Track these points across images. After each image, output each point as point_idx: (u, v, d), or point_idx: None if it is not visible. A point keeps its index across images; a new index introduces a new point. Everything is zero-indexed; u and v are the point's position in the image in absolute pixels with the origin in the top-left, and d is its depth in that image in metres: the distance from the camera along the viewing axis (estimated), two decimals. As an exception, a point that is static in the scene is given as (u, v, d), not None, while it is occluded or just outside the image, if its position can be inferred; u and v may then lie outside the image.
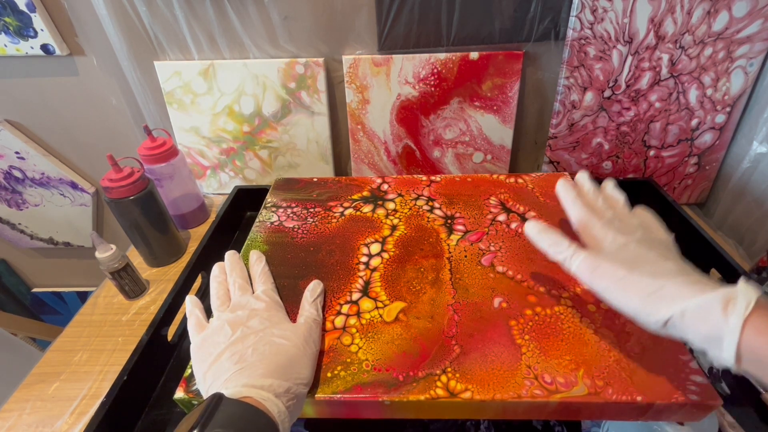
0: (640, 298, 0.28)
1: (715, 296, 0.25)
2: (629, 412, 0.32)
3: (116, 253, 0.53)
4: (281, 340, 0.32)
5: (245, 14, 0.61)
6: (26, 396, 0.46)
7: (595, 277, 0.31)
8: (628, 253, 0.31)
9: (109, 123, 0.74)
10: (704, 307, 0.25)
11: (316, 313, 0.37)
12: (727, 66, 0.57)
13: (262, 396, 0.28)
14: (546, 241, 0.35)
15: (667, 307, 0.27)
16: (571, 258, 0.32)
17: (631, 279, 0.29)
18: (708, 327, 0.25)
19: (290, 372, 0.30)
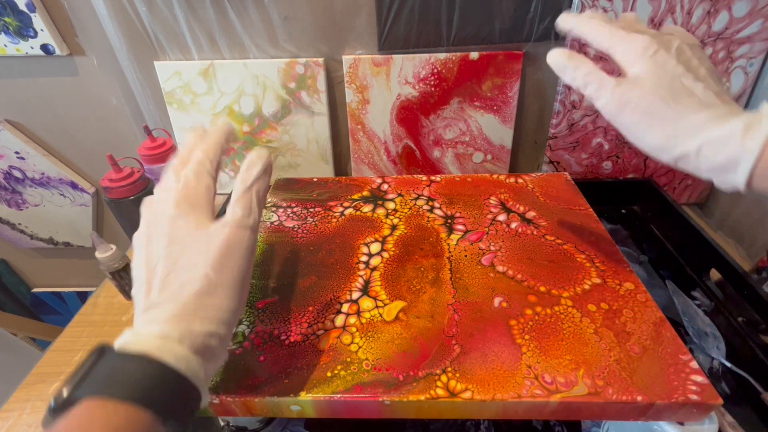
0: (661, 131, 0.26)
1: (738, 123, 0.24)
2: (629, 412, 0.32)
3: (116, 253, 0.53)
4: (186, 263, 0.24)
5: (245, 14, 0.61)
6: (26, 396, 0.46)
7: (622, 113, 0.28)
8: (666, 76, 0.27)
9: (109, 123, 0.74)
10: (723, 139, 0.24)
11: (244, 213, 0.26)
12: (727, 66, 0.57)
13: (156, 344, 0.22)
14: (572, 71, 0.30)
15: (685, 139, 0.25)
16: (599, 90, 0.29)
17: (659, 114, 0.26)
18: (724, 153, 0.24)
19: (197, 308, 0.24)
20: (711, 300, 0.50)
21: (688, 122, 0.26)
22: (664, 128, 0.26)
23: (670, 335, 0.35)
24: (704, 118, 0.25)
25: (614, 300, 0.38)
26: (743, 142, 0.24)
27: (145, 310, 0.24)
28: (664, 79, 0.27)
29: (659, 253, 0.57)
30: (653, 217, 0.62)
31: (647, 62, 0.27)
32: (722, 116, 0.25)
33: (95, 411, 0.19)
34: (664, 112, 0.26)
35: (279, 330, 0.38)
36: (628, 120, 0.28)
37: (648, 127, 0.27)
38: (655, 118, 0.27)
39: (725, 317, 0.48)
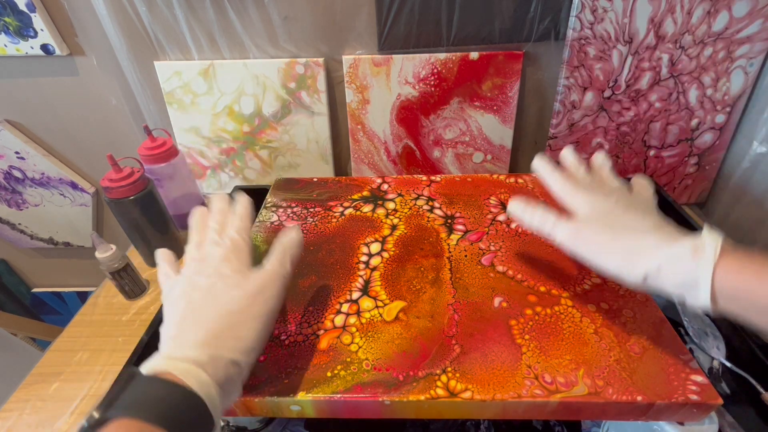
0: (621, 257, 0.29)
1: (685, 245, 0.27)
2: (629, 412, 0.32)
3: (116, 253, 0.53)
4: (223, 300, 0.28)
5: (245, 14, 0.61)
6: (26, 396, 0.46)
7: (578, 246, 0.32)
8: (608, 216, 0.32)
9: (109, 123, 0.74)
10: (676, 257, 0.27)
11: (279, 264, 0.31)
12: (727, 66, 0.57)
13: (181, 368, 0.24)
14: (529, 217, 0.35)
15: (643, 263, 0.28)
16: (554, 229, 0.33)
17: (611, 241, 0.30)
18: (682, 275, 0.27)
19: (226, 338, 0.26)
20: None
21: (640, 246, 0.29)
22: (619, 255, 0.29)
23: (670, 335, 0.35)
24: (654, 240, 0.28)
25: (614, 300, 0.38)
26: (696, 265, 0.26)
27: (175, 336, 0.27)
28: (606, 217, 0.32)
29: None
30: (653, 217, 0.62)
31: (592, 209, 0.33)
32: (670, 237, 0.28)
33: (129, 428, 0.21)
34: (614, 242, 0.30)
35: (279, 330, 0.38)
36: (584, 251, 0.31)
37: (605, 257, 0.30)
38: (608, 248, 0.30)
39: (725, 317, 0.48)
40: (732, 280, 0.25)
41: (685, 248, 0.27)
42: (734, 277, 0.25)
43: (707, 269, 0.25)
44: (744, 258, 0.26)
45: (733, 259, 0.26)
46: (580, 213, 0.33)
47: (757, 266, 0.25)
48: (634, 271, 0.28)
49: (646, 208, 0.33)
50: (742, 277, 0.25)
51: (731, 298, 0.26)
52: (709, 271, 0.25)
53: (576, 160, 0.40)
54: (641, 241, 0.29)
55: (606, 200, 0.33)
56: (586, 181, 0.37)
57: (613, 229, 0.31)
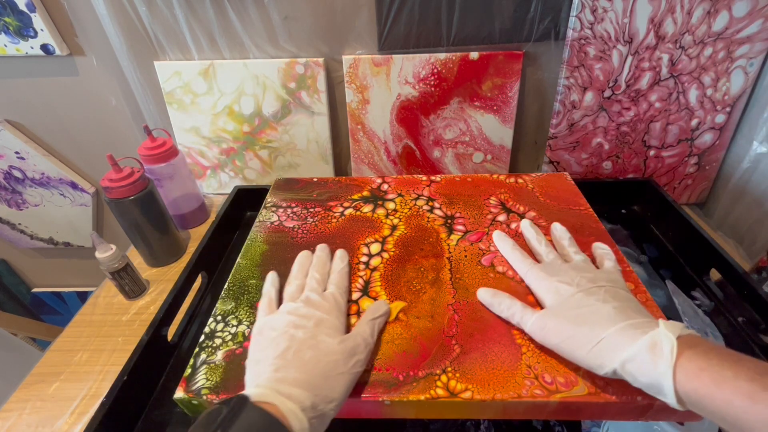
0: (586, 353, 0.29)
1: (643, 344, 0.27)
2: (629, 412, 0.32)
3: (116, 253, 0.53)
4: (324, 350, 0.31)
5: (245, 14, 0.61)
6: (26, 396, 0.46)
7: (546, 337, 0.33)
8: (570, 307, 0.32)
9: (109, 123, 0.74)
10: (637, 359, 0.27)
11: (369, 333, 0.34)
12: (727, 66, 0.57)
13: (288, 407, 0.26)
14: (498, 307, 0.37)
15: (608, 360, 0.28)
16: (522, 319, 0.34)
17: (575, 336, 0.30)
18: (646, 377, 0.27)
19: (322, 387, 0.29)
20: (711, 300, 0.50)
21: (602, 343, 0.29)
22: (584, 350, 0.29)
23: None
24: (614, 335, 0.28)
25: (614, 300, 0.38)
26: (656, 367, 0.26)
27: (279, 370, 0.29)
28: (569, 308, 0.32)
29: (659, 253, 0.57)
30: (653, 217, 0.62)
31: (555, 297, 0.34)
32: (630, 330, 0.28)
33: None
34: (578, 336, 0.30)
35: (279, 330, 0.37)
36: (553, 342, 0.32)
37: (572, 351, 0.31)
38: (573, 342, 0.30)
39: (725, 317, 0.48)
40: (691, 384, 0.25)
41: (644, 347, 0.27)
42: (693, 382, 0.25)
43: (667, 375, 0.25)
44: (701, 358, 0.25)
45: (690, 360, 0.25)
46: (545, 302, 0.35)
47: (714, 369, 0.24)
48: (601, 368, 0.29)
49: (611, 283, 0.34)
50: (699, 382, 0.24)
51: (694, 403, 0.25)
52: (669, 376, 0.25)
53: (535, 235, 0.43)
54: (602, 334, 0.29)
55: (568, 287, 0.34)
56: (548, 260, 0.39)
57: (575, 321, 0.31)
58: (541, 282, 0.36)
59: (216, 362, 0.35)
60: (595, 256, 0.41)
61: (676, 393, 0.25)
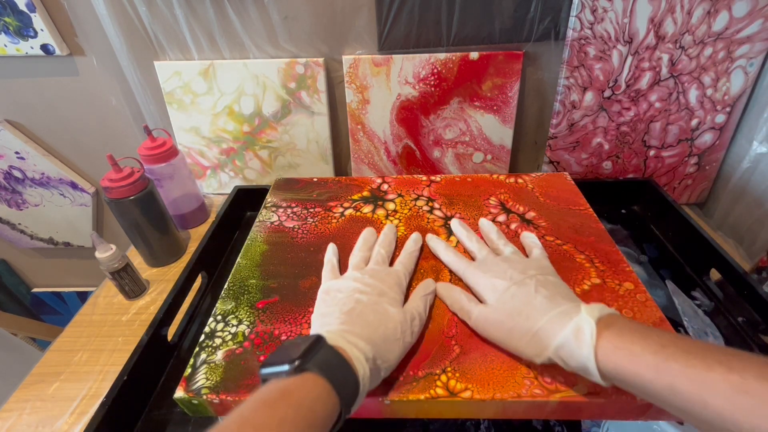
0: (525, 344, 0.31)
1: (569, 330, 0.29)
2: (629, 412, 0.32)
3: (116, 253, 0.53)
4: (385, 316, 0.33)
5: (245, 14, 0.61)
6: (26, 396, 0.46)
7: (488, 332, 0.34)
8: (507, 299, 0.34)
9: (109, 123, 0.74)
10: (565, 344, 0.29)
11: (423, 307, 0.37)
12: (727, 66, 0.57)
13: (354, 353, 0.29)
14: (448, 300, 0.38)
15: (544, 349, 0.30)
16: (468, 315, 0.36)
17: (514, 329, 0.32)
18: (574, 361, 0.28)
19: (381, 347, 0.31)
20: (711, 300, 0.50)
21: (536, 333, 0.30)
22: (523, 341, 0.31)
23: (669, 335, 0.35)
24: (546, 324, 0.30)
25: (614, 300, 0.38)
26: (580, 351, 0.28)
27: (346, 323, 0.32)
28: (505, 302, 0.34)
29: (659, 253, 0.57)
30: (653, 217, 0.62)
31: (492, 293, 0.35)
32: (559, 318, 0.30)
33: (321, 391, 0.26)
34: (516, 329, 0.32)
35: (279, 330, 0.38)
36: (494, 337, 0.34)
37: (512, 342, 0.32)
38: (512, 334, 0.32)
39: (725, 317, 0.48)
40: (610, 362, 0.27)
41: (570, 333, 0.29)
42: (612, 361, 0.27)
43: (590, 358, 0.27)
44: (616, 337, 0.27)
45: (607, 341, 0.27)
46: (484, 298, 0.36)
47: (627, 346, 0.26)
48: (539, 356, 0.30)
49: (540, 271, 0.36)
50: (616, 360, 0.26)
51: (615, 379, 0.27)
52: (591, 359, 0.27)
53: (465, 233, 0.45)
54: (536, 324, 0.31)
55: (502, 281, 0.35)
56: (481, 257, 0.41)
57: (511, 315, 0.33)
58: (478, 280, 0.37)
59: (216, 362, 0.35)
60: (524, 246, 0.43)
61: (600, 372, 0.27)
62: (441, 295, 0.39)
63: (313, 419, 0.24)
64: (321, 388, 0.26)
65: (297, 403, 0.24)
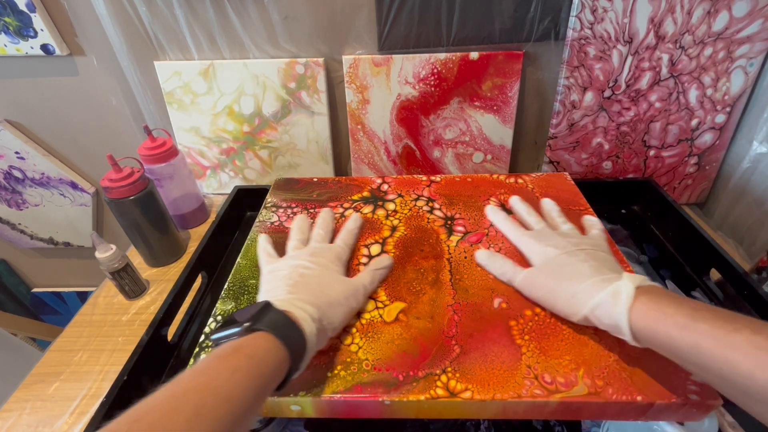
0: (563, 303, 0.34)
1: (607, 292, 0.31)
2: (629, 412, 0.32)
3: (116, 253, 0.53)
4: (329, 285, 0.36)
5: (245, 14, 0.61)
6: (26, 396, 0.46)
7: (532, 291, 0.38)
8: (554, 265, 0.37)
9: (109, 123, 0.74)
10: (602, 303, 0.31)
11: (370, 280, 0.39)
12: (727, 66, 0.57)
13: (301, 315, 0.31)
14: (493, 266, 0.41)
15: (580, 308, 0.33)
16: (512, 277, 0.39)
17: (556, 290, 0.35)
18: (609, 319, 0.31)
19: (327, 311, 0.33)
20: (711, 300, 0.50)
21: (577, 293, 0.33)
22: (562, 300, 0.35)
23: (669, 335, 0.35)
24: (588, 286, 0.33)
25: (614, 300, 0.38)
26: (615, 310, 0.30)
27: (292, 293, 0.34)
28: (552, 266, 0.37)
29: (659, 253, 0.57)
30: (653, 217, 0.62)
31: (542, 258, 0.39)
32: (601, 283, 0.32)
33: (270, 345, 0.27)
34: (557, 289, 0.35)
35: (279, 330, 0.37)
36: (536, 296, 0.37)
37: (552, 301, 0.36)
38: (553, 294, 0.35)
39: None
40: (642, 321, 0.29)
41: (608, 294, 0.31)
42: (644, 320, 0.29)
43: (623, 315, 0.29)
44: (652, 301, 0.29)
45: (643, 303, 0.29)
46: (533, 262, 0.39)
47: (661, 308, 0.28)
48: (575, 315, 0.33)
49: (593, 247, 0.38)
50: (648, 319, 0.29)
51: (645, 338, 0.29)
52: (624, 316, 0.29)
53: (525, 208, 0.47)
54: (578, 287, 0.33)
55: (554, 249, 0.38)
56: (538, 228, 0.43)
57: (557, 277, 0.36)
58: (531, 246, 0.41)
59: (216, 362, 0.35)
60: (584, 227, 0.45)
61: (631, 330, 0.29)
62: (484, 263, 0.42)
63: (264, 369, 0.26)
64: (271, 342, 0.27)
65: (249, 354, 0.26)
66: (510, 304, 0.39)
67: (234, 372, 0.24)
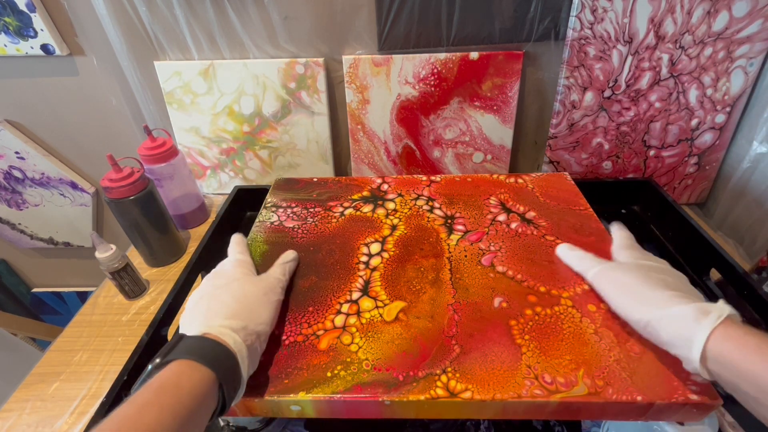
0: (631, 302, 0.33)
1: (694, 307, 0.30)
2: (629, 412, 0.32)
3: (116, 253, 0.53)
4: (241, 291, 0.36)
5: (245, 14, 0.61)
6: (26, 396, 0.46)
7: (603, 283, 0.37)
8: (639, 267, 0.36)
9: (109, 123, 0.74)
10: (682, 314, 0.30)
11: (280, 272, 0.40)
12: (727, 66, 0.57)
13: (220, 331, 0.31)
14: (572, 254, 0.42)
15: (647, 313, 0.32)
16: (590, 268, 0.39)
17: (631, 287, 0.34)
18: (682, 330, 0.29)
19: (248, 314, 0.33)
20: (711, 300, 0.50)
21: (654, 297, 0.32)
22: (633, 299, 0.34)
23: (670, 335, 0.35)
24: (668, 296, 0.32)
25: (614, 300, 0.38)
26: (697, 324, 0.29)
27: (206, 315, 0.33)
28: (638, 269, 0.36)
29: (659, 254, 0.57)
30: (653, 217, 0.62)
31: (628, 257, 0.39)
32: (684, 299, 0.31)
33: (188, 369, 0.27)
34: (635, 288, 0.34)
35: (279, 330, 0.38)
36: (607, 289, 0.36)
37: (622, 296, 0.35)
38: (628, 290, 0.34)
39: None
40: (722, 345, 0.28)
41: (693, 309, 0.29)
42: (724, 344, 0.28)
43: (705, 330, 0.28)
44: (742, 331, 0.28)
45: (731, 329, 0.28)
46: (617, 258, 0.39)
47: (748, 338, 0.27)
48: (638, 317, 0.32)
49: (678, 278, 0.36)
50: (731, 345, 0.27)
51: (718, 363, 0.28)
52: (706, 332, 0.28)
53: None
54: (655, 293, 0.32)
55: (643, 259, 0.38)
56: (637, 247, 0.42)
57: (637, 278, 0.34)
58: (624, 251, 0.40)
59: (216, 362, 0.35)
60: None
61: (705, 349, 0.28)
62: (562, 255, 0.43)
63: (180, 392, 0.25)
64: (184, 365, 0.27)
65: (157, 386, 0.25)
66: (510, 303, 0.39)
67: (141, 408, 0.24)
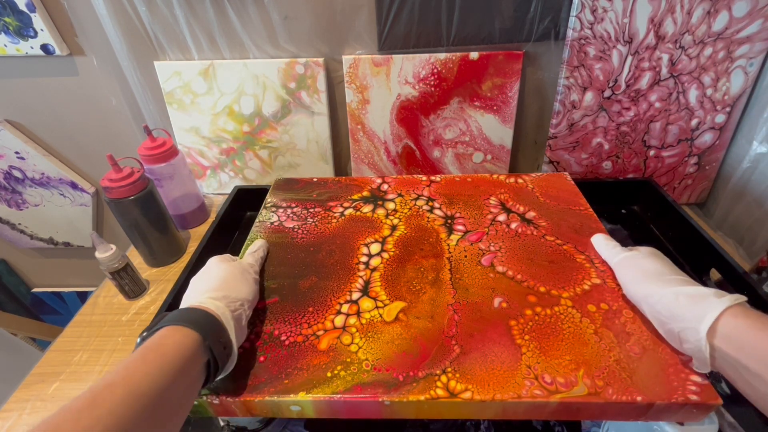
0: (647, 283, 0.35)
1: (711, 290, 0.31)
2: (629, 412, 0.32)
3: (116, 253, 0.53)
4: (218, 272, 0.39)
5: (245, 14, 0.61)
6: (26, 396, 0.46)
7: (624, 269, 0.39)
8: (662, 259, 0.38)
9: (109, 123, 0.74)
10: (699, 293, 0.31)
11: (253, 260, 0.44)
12: (727, 66, 0.57)
13: (201, 301, 0.34)
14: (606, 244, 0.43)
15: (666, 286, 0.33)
16: (614, 256, 0.41)
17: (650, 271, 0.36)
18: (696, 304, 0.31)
19: (228, 287, 0.37)
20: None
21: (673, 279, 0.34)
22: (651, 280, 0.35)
23: (670, 335, 0.35)
24: (686, 280, 0.34)
25: (614, 300, 0.38)
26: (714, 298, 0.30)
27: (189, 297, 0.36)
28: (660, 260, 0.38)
29: (659, 253, 0.57)
30: (653, 217, 0.62)
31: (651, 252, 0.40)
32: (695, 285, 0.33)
33: (171, 331, 0.30)
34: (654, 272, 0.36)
35: (279, 330, 0.38)
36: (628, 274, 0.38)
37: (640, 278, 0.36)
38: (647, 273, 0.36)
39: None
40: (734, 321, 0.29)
41: (711, 291, 0.31)
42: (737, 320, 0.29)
43: (721, 306, 0.30)
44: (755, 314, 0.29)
45: (746, 310, 0.30)
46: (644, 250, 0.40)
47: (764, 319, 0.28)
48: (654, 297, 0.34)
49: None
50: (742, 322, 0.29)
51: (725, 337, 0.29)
52: (721, 307, 0.29)
53: None
54: (673, 276, 0.34)
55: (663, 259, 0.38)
56: None
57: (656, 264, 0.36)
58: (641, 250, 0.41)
59: (216, 362, 0.35)
60: None
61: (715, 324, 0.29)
62: (596, 242, 0.45)
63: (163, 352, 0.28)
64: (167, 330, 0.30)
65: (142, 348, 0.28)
66: (510, 303, 0.39)
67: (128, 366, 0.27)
